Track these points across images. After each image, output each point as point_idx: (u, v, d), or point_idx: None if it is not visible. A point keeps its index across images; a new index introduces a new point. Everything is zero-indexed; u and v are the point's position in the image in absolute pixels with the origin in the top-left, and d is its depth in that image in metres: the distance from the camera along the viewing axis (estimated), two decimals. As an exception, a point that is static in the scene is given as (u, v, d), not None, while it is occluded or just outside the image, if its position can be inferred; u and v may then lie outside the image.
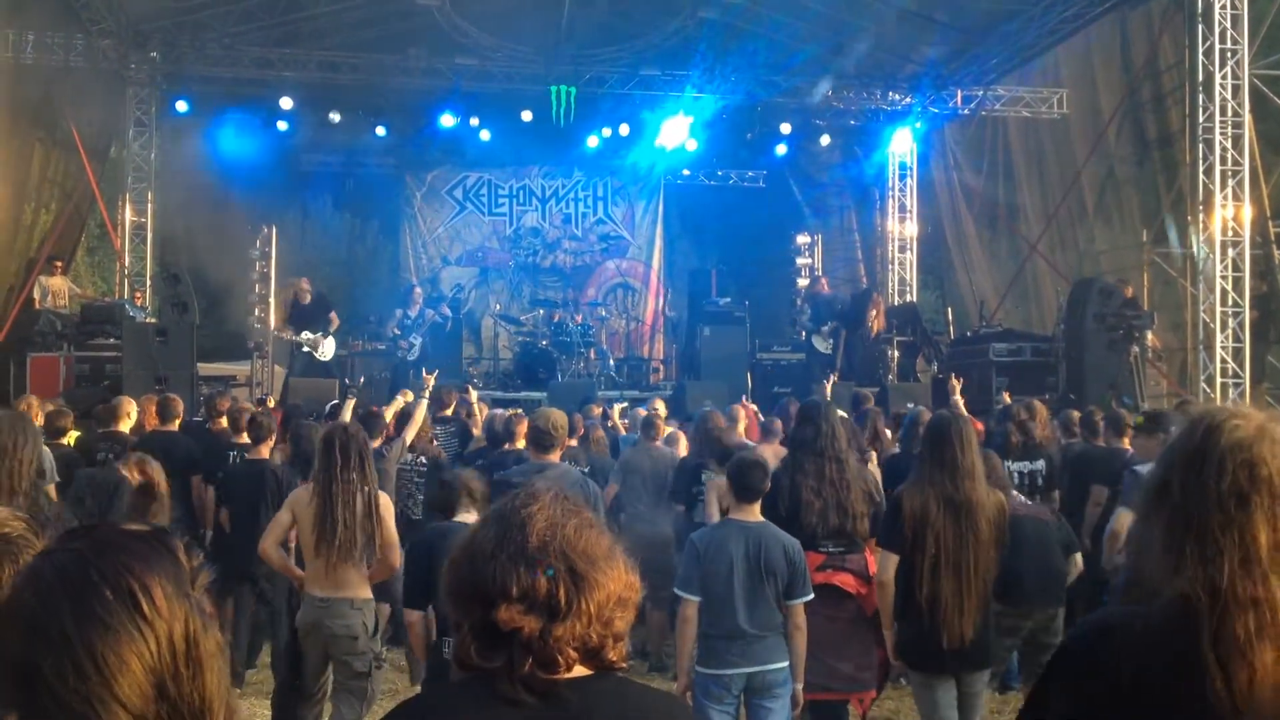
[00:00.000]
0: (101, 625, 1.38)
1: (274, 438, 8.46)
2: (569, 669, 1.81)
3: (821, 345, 17.20)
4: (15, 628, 1.41)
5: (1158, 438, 7.17)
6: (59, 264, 16.72)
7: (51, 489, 7.63)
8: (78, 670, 1.37)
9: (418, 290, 18.48)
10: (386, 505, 6.17)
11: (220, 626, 1.61)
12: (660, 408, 10.65)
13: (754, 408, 10.61)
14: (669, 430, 10.15)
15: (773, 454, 7.48)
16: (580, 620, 1.81)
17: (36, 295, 15.93)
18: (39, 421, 8.51)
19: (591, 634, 1.82)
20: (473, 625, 1.81)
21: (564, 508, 1.91)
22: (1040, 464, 8.38)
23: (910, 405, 9.85)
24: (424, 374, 9.52)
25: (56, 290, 16.30)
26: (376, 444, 7.92)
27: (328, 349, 16.11)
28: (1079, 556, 6.52)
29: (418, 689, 7.66)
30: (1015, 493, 6.61)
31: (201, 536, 8.79)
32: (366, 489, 5.97)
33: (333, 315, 16.44)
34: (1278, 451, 1.92)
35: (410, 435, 8.30)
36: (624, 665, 1.89)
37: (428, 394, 8.81)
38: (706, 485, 7.50)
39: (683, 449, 9.24)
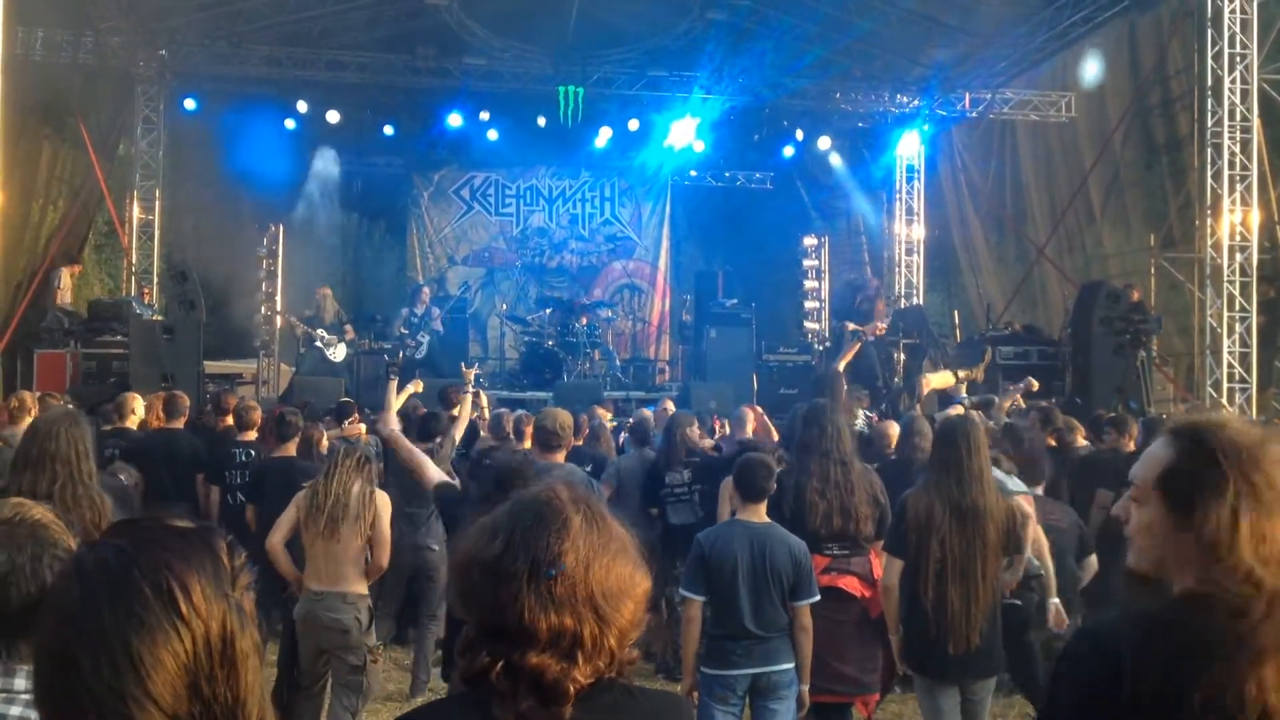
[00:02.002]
0: (139, 623, 1.40)
1: (300, 436, 8.48)
2: (573, 699, 1.77)
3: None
4: (56, 620, 1.44)
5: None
6: (78, 266, 16.80)
7: None
8: (113, 667, 1.39)
9: (425, 290, 18.50)
10: (384, 503, 6.26)
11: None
12: (670, 408, 10.70)
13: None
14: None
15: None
16: (601, 657, 1.79)
17: (57, 285, 15.99)
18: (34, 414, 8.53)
19: (609, 670, 1.81)
20: (491, 652, 1.76)
21: (595, 541, 1.83)
22: None
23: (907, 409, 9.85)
24: (463, 368, 9.48)
25: (65, 286, 16.35)
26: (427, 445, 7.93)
27: (340, 351, 16.18)
28: (1093, 559, 6.47)
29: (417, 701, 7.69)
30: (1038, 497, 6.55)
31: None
32: (364, 483, 6.18)
33: (348, 327, 16.52)
34: (1244, 432, 1.98)
35: (459, 432, 8.34)
36: (631, 670, 1.87)
37: (470, 390, 8.82)
38: (721, 486, 7.44)
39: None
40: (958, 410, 9.26)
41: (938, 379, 10.55)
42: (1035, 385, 11.41)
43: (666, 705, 2.01)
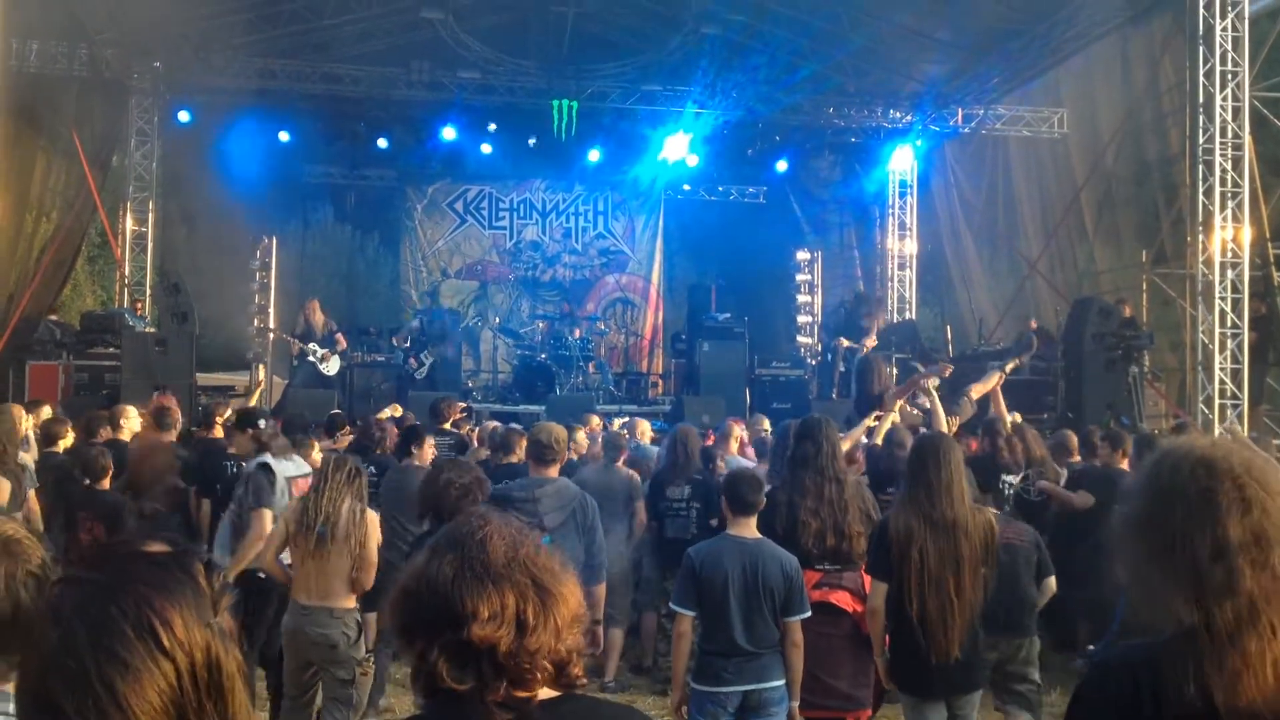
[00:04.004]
0: (122, 665, 1.39)
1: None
2: (540, 685, 1.81)
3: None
4: (38, 663, 1.43)
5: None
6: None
7: (33, 495, 7.64)
8: (98, 710, 1.38)
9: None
10: (373, 522, 6.26)
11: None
12: (646, 429, 10.84)
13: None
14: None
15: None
16: (549, 633, 1.80)
17: None
18: (24, 427, 8.48)
19: (560, 648, 1.82)
20: (442, 647, 1.78)
21: (516, 528, 1.91)
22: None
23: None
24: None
25: None
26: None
27: (333, 364, 16.11)
28: (1052, 580, 6.37)
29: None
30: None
31: (199, 550, 8.75)
32: (354, 500, 6.15)
33: (339, 336, 16.44)
34: (1232, 454, 1.98)
35: None
36: (584, 682, 1.89)
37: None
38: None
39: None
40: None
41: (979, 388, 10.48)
42: (947, 370, 11.23)
43: (628, 715, 2.07)
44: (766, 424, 11.37)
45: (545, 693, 1.83)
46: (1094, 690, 2.05)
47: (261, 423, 8.23)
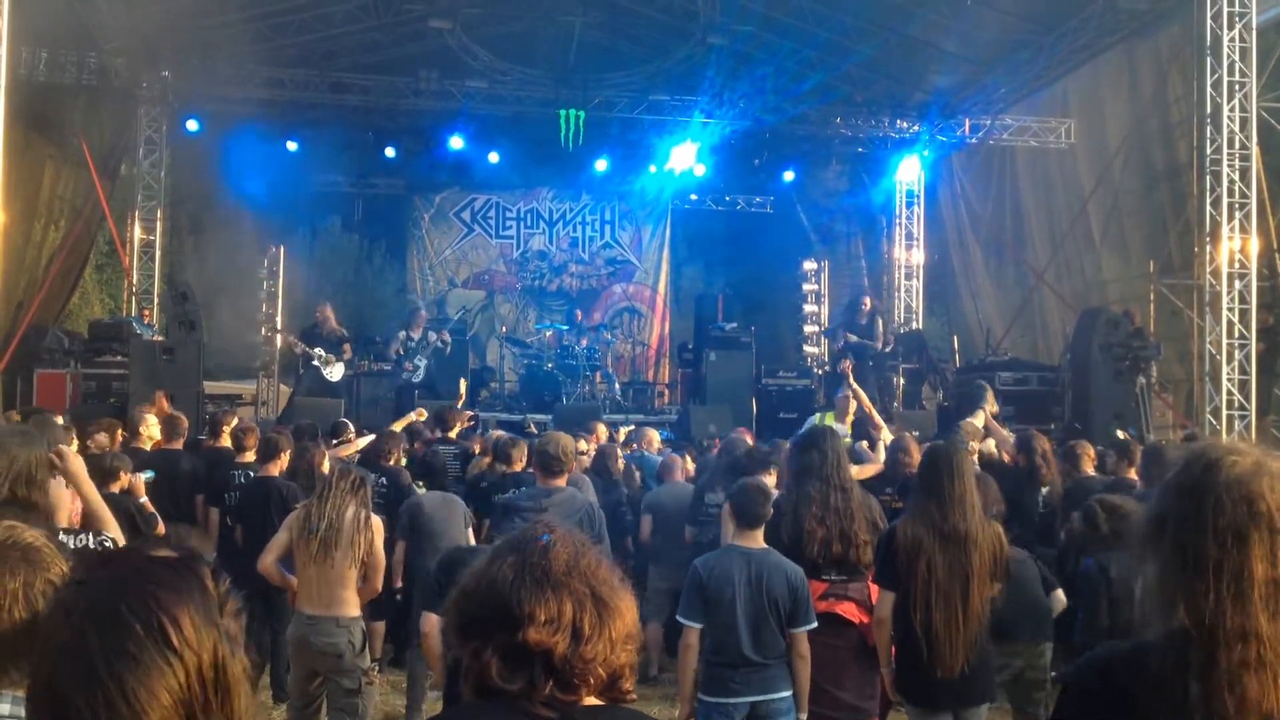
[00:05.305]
0: (132, 661, 1.41)
1: (285, 456, 8.45)
2: (589, 692, 1.83)
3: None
4: (49, 662, 1.45)
5: None
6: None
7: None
8: (109, 705, 1.39)
9: (422, 313, 18.43)
10: (378, 528, 6.26)
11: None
12: (654, 438, 10.83)
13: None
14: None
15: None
16: (604, 644, 1.83)
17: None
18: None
19: (615, 659, 1.85)
20: (495, 648, 1.81)
21: (578, 539, 1.94)
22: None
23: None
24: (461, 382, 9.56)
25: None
26: None
27: (336, 370, 16.06)
28: (1060, 593, 6.41)
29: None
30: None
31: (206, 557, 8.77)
32: (358, 506, 6.14)
33: (346, 346, 16.37)
34: (1275, 486, 1.92)
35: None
36: (634, 697, 1.92)
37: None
38: (723, 509, 7.43)
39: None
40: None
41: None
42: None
43: None
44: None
45: (591, 701, 1.86)
46: (1077, 684, 2.07)
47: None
